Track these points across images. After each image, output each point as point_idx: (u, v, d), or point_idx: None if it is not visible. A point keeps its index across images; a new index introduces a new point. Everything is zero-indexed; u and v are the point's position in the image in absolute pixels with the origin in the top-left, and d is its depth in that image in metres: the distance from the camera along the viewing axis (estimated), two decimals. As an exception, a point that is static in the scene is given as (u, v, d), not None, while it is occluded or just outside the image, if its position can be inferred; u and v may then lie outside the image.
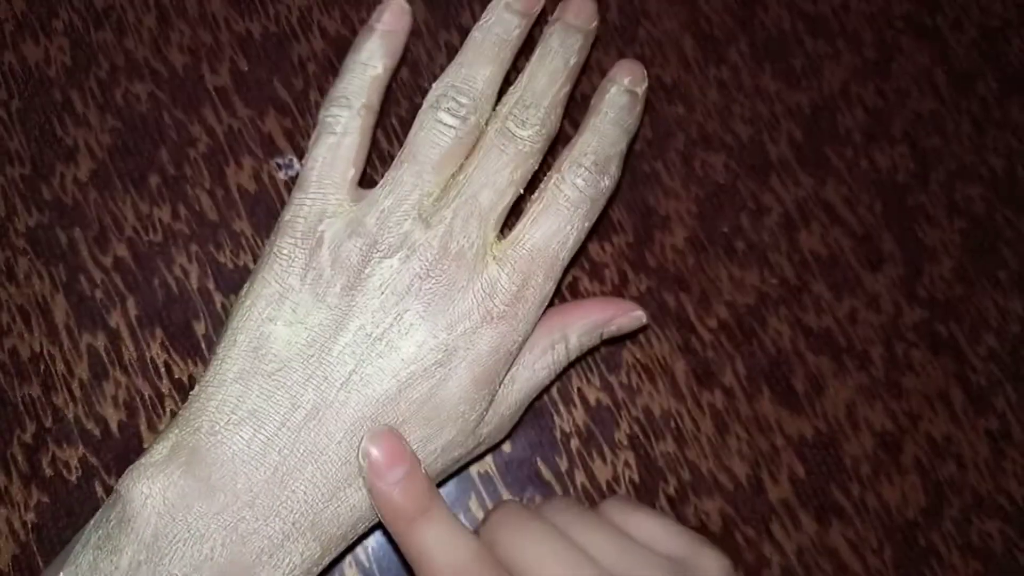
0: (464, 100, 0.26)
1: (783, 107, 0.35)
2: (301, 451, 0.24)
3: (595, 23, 0.28)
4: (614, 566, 0.24)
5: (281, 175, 0.33)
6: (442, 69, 0.34)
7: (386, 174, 0.26)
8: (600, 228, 0.33)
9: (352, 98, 0.26)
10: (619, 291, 0.33)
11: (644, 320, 0.29)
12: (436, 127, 0.26)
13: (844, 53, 0.36)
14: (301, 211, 0.25)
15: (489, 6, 0.28)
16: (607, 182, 0.27)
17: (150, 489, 0.23)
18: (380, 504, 0.24)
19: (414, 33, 0.34)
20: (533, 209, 0.26)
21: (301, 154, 0.33)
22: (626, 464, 0.31)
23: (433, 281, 0.25)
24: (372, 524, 0.25)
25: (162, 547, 0.23)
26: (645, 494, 0.31)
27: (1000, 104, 0.36)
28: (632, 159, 0.34)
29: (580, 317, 0.28)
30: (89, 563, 0.23)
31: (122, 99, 0.33)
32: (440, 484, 0.28)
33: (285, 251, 0.25)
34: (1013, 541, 0.32)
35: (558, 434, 0.32)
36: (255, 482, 0.23)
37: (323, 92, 0.33)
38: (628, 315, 0.28)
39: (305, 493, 0.24)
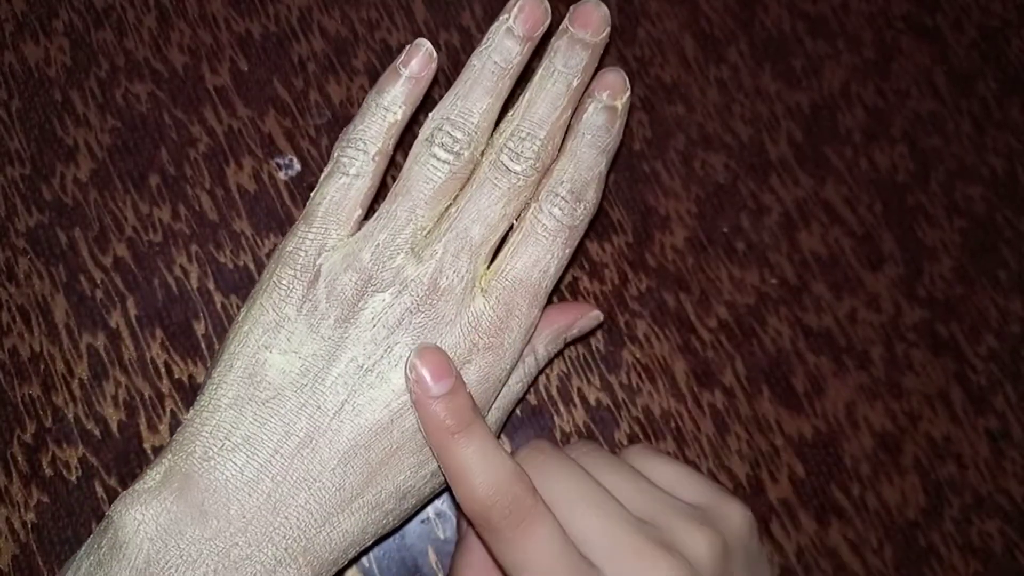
0: (459, 135, 0.26)
1: (783, 107, 0.35)
2: (294, 478, 0.24)
3: (605, 33, 0.27)
4: (640, 510, 0.24)
5: (281, 175, 0.33)
6: (442, 70, 0.34)
7: (381, 207, 0.26)
8: (600, 228, 0.33)
9: (369, 143, 0.27)
10: (619, 291, 0.33)
11: (601, 318, 0.30)
12: (430, 162, 0.26)
13: (844, 53, 0.36)
14: (303, 244, 0.26)
15: (490, 29, 0.27)
16: (584, 208, 0.27)
17: (143, 515, 0.23)
18: (424, 416, 0.24)
19: (414, 33, 0.35)
20: (514, 239, 0.26)
21: (301, 154, 0.33)
22: (626, 464, 0.32)
23: (423, 315, 0.25)
24: (363, 548, 0.26)
25: (154, 573, 0.23)
26: (645, 494, 0.31)
27: (1000, 104, 0.36)
28: (632, 159, 0.34)
29: (544, 327, 0.28)
30: None
31: (122, 99, 0.33)
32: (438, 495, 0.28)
33: (284, 281, 0.26)
34: (1013, 541, 0.32)
35: (558, 434, 0.32)
36: (248, 508, 0.24)
37: (323, 92, 0.34)
38: (586, 317, 0.29)
39: (298, 519, 0.24)
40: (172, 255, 0.32)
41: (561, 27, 0.27)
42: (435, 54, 0.27)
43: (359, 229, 0.26)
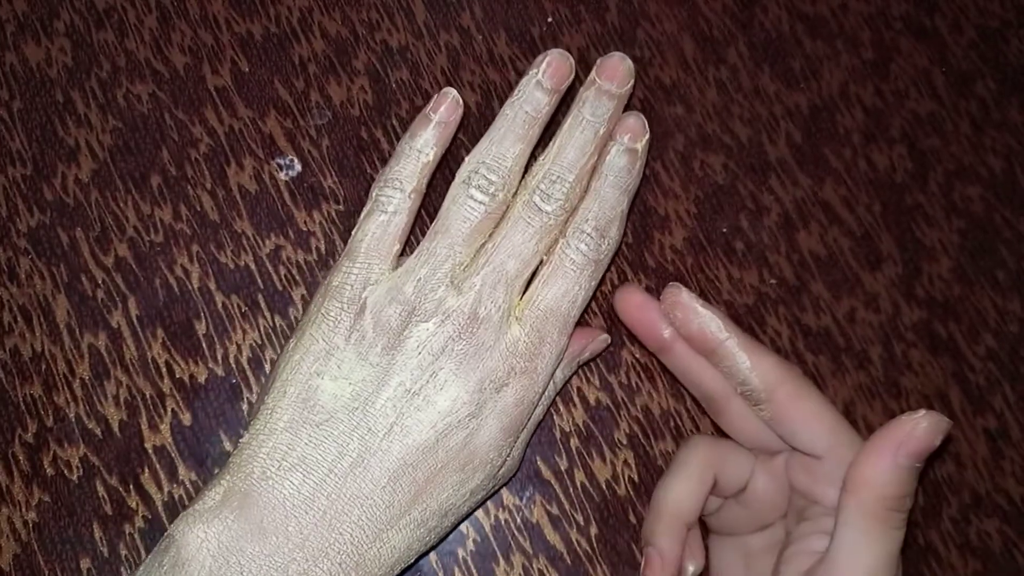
0: (494, 178, 0.28)
1: (782, 108, 0.35)
2: (348, 496, 0.25)
3: (630, 84, 0.30)
4: None
5: (282, 175, 0.33)
6: (442, 71, 0.34)
7: (421, 244, 0.28)
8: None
9: (405, 182, 0.29)
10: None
11: (609, 340, 0.32)
12: (467, 203, 0.28)
13: (843, 54, 0.36)
14: (348, 279, 0.28)
15: (521, 82, 0.30)
16: (608, 244, 0.29)
17: (205, 533, 0.24)
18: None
19: (414, 34, 0.35)
20: (544, 272, 0.29)
21: (302, 155, 0.33)
22: (625, 463, 0.32)
23: (464, 343, 0.27)
24: (406, 566, 0.27)
25: None
26: (645, 493, 0.31)
27: (999, 105, 0.36)
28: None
29: None
30: None
31: (123, 99, 0.33)
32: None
33: (332, 314, 0.27)
34: (1012, 540, 0.32)
35: (558, 433, 0.32)
36: (305, 525, 0.25)
37: (324, 93, 0.34)
38: (596, 340, 0.31)
39: (352, 535, 0.25)
40: (173, 255, 0.32)
41: (589, 78, 0.30)
42: (461, 101, 0.30)
43: (398, 262, 0.29)
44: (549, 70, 0.29)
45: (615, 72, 0.29)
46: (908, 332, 0.34)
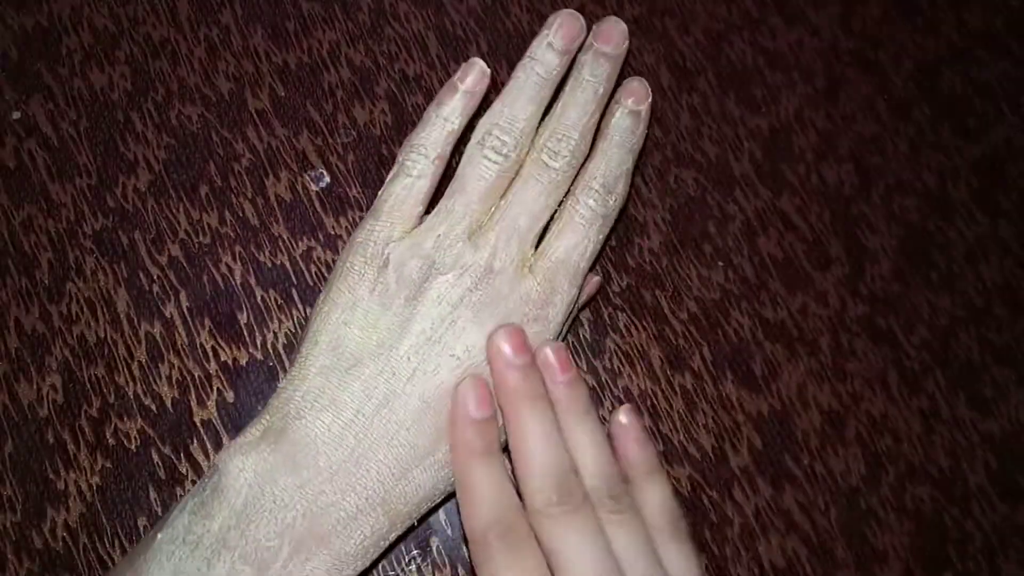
0: (507, 139, 0.28)
1: (745, 129, 0.37)
2: (374, 436, 0.26)
3: (625, 45, 0.30)
4: None
5: (313, 187, 0.35)
6: (447, 75, 0.36)
7: (440, 203, 0.29)
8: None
9: (429, 148, 0.29)
10: (603, 288, 0.35)
11: (601, 282, 0.32)
12: (482, 163, 0.28)
13: (798, 83, 0.38)
14: (372, 235, 0.28)
15: (532, 44, 0.29)
16: (615, 200, 0.30)
17: (243, 463, 0.25)
18: (455, 435, 0.26)
19: (428, 65, 0.36)
20: (555, 227, 0.29)
21: (331, 168, 0.35)
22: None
23: (481, 293, 0.27)
24: (433, 504, 0.27)
25: (250, 515, 0.25)
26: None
27: (933, 128, 0.38)
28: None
29: None
30: (184, 526, 0.25)
31: (176, 120, 0.35)
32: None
33: (357, 267, 0.28)
34: (941, 504, 0.34)
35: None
36: (334, 461, 0.25)
37: (349, 115, 0.35)
38: (591, 283, 0.32)
39: (378, 472, 0.26)
40: (219, 255, 0.34)
41: (586, 44, 0.30)
42: (487, 71, 0.29)
43: (420, 223, 0.29)
44: (561, 31, 0.29)
45: (610, 35, 0.29)
46: (853, 324, 0.35)
